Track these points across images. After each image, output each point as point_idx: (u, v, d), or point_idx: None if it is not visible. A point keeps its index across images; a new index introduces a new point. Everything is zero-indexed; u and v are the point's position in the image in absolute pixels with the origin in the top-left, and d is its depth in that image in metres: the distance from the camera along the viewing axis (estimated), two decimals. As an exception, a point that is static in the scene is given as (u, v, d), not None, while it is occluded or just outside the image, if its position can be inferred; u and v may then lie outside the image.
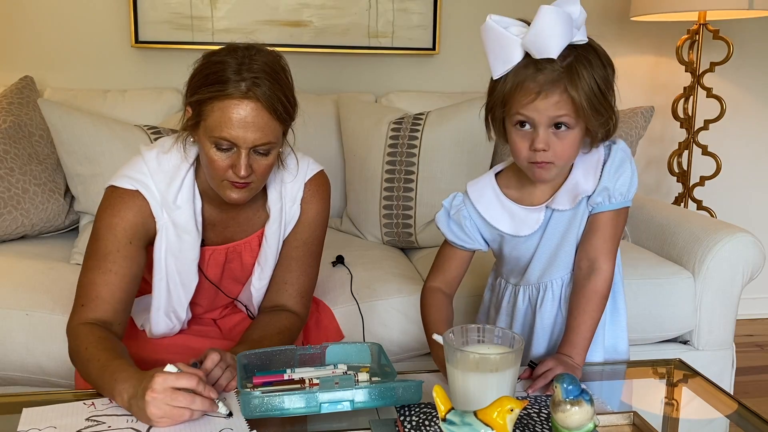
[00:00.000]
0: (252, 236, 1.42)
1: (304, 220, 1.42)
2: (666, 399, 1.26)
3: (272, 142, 1.23)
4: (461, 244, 1.32)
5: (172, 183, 1.30)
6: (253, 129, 1.20)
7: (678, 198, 2.77)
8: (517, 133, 1.17)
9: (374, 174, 2.18)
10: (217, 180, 1.26)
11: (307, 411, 1.00)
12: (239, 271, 1.44)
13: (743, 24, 2.82)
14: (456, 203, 1.32)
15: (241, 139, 1.20)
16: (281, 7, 2.50)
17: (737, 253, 1.94)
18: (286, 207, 1.40)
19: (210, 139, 1.22)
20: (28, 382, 1.63)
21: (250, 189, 1.27)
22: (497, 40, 1.14)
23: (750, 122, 2.95)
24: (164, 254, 1.33)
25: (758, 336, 2.89)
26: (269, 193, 1.39)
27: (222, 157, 1.22)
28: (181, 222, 1.32)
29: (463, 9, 2.65)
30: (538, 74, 1.12)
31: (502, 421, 0.89)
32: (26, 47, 2.42)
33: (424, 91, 2.60)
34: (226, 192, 1.26)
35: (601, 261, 1.25)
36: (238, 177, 1.22)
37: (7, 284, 1.70)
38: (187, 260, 1.34)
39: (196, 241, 1.34)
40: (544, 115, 1.13)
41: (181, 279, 1.35)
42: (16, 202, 1.99)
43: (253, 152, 1.23)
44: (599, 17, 2.73)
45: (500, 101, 1.16)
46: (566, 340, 1.24)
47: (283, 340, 1.34)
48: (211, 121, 1.20)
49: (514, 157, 1.22)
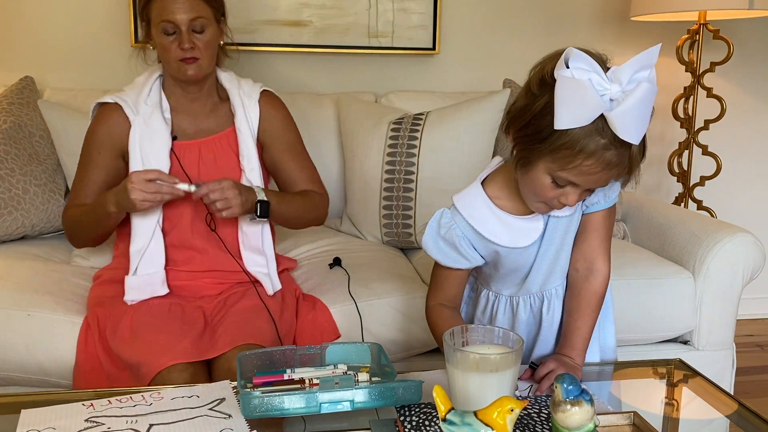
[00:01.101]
0: (221, 134, 1.69)
1: (277, 126, 1.74)
2: (666, 399, 1.26)
3: (203, 16, 1.59)
4: (457, 267, 1.24)
5: (143, 90, 1.67)
6: (186, 9, 1.56)
7: (678, 198, 2.77)
8: (550, 185, 1.09)
9: (374, 174, 2.18)
10: (173, 64, 1.60)
11: (307, 411, 1.00)
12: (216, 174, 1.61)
13: (743, 24, 2.82)
14: (445, 222, 1.21)
15: (179, 19, 1.56)
16: (281, 7, 2.50)
17: (737, 253, 1.94)
18: (245, 102, 1.70)
19: (158, 27, 1.57)
20: (27, 382, 1.63)
21: (198, 65, 1.61)
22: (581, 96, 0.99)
23: (750, 122, 2.95)
24: (138, 143, 1.62)
25: (758, 336, 2.89)
26: (230, 94, 1.71)
27: (169, 41, 1.58)
28: (150, 116, 1.64)
29: (463, 9, 2.65)
30: (605, 153, 1.02)
31: (502, 421, 0.89)
32: (26, 47, 2.42)
33: (424, 91, 2.60)
34: (181, 71, 1.60)
35: (599, 262, 1.24)
36: (183, 51, 1.57)
37: (7, 284, 1.70)
38: (156, 144, 1.62)
39: (164, 129, 1.63)
40: (588, 185, 1.08)
41: (156, 162, 1.61)
42: (16, 202, 1.99)
43: (192, 32, 1.58)
44: (599, 17, 2.73)
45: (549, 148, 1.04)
46: (566, 341, 1.24)
47: (307, 204, 1.73)
48: (154, 14, 1.58)
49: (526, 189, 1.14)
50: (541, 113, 1.04)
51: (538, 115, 1.04)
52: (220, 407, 1.09)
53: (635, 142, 1.02)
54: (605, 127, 1.00)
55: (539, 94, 1.05)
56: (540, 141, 1.04)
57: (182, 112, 1.69)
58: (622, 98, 0.99)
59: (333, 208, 2.37)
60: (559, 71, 1.01)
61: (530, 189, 1.12)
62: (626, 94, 0.99)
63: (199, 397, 1.12)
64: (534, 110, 1.05)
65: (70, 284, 1.77)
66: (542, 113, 1.04)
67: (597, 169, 1.04)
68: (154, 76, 1.70)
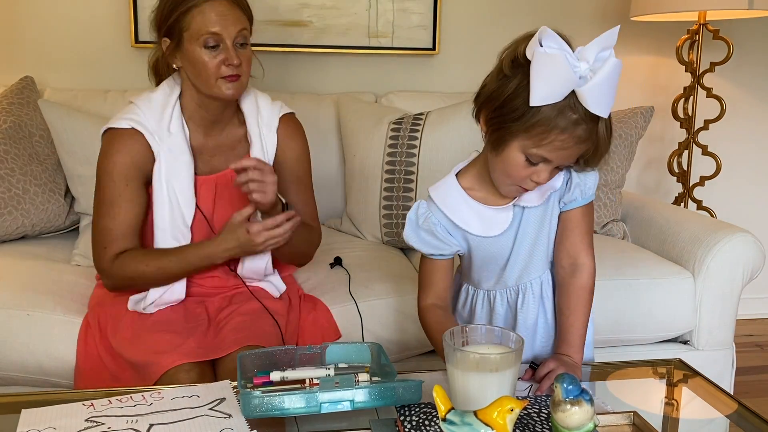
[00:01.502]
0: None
1: (291, 157, 1.63)
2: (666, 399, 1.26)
3: (247, 28, 1.47)
4: (440, 254, 1.27)
5: (163, 114, 1.50)
6: (232, 20, 1.43)
7: (678, 198, 2.77)
8: (523, 164, 1.12)
9: (374, 174, 2.18)
10: (212, 80, 1.45)
11: (307, 411, 1.00)
12: (231, 209, 1.53)
13: (743, 24, 2.82)
14: (421, 212, 1.25)
15: (225, 32, 1.43)
16: (281, 7, 2.50)
17: (737, 253, 1.94)
18: (263, 133, 1.58)
19: (198, 42, 1.43)
20: (28, 382, 1.63)
21: (240, 83, 1.48)
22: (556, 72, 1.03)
23: (750, 122, 2.95)
24: (164, 177, 1.50)
25: (758, 336, 2.89)
26: (248, 120, 1.58)
27: (212, 56, 1.43)
28: (176, 146, 1.51)
29: (463, 9, 2.65)
30: (577, 128, 1.07)
31: (502, 421, 0.89)
32: (26, 47, 2.42)
33: (424, 91, 2.60)
34: (221, 89, 1.46)
35: (582, 257, 1.26)
36: (233, 66, 1.44)
37: (7, 284, 1.70)
38: (184, 180, 1.51)
39: (190, 163, 1.52)
40: (562, 161, 1.12)
41: (180, 199, 1.51)
42: (16, 202, 1.99)
43: (235, 45, 1.45)
44: (599, 17, 2.73)
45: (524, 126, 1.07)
46: (562, 339, 1.25)
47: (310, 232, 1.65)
48: (194, 27, 1.43)
49: (499, 171, 1.16)
50: (515, 93, 1.07)
51: (512, 95, 1.08)
52: (220, 407, 1.09)
53: (605, 115, 1.07)
54: (576, 103, 1.05)
55: (512, 75, 1.09)
56: (514, 120, 1.08)
57: (201, 139, 1.57)
58: (590, 75, 1.04)
59: (333, 207, 2.37)
60: (534, 49, 1.04)
61: (503, 170, 1.15)
62: (594, 71, 1.04)
63: (199, 397, 1.12)
64: (508, 91, 1.08)
65: (70, 284, 1.77)
66: (516, 93, 1.07)
67: (570, 144, 1.08)
68: (173, 97, 1.53)
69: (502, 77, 1.10)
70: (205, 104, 1.53)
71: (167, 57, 1.51)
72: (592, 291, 1.27)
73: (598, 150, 1.13)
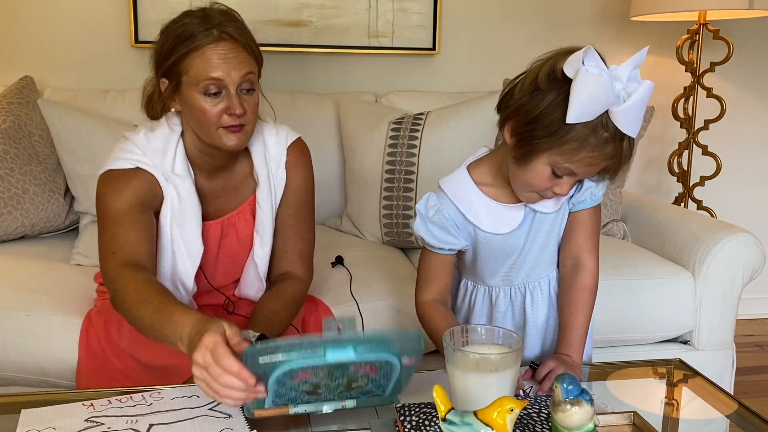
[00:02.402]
0: (244, 205, 1.46)
1: (293, 187, 1.48)
2: (666, 399, 1.26)
3: (253, 73, 1.31)
4: (448, 248, 1.26)
5: (166, 155, 1.35)
6: (235, 64, 1.27)
7: (678, 198, 2.77)
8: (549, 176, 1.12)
9: (374, 174, 2.18)
10: (212, 129, 1.30)
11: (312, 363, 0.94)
12: (236, 247, 1.47)
13: (743, 24, 2.82)
14: (432, 204, 1.25)
15: (228, 77, 1.26)
16: (281, 7, 2.50)
17: (737, 253, 1.94)
18: (272, 171, 1.45)
19: (197, 88, 1.27)
20: (27, 382, 1.63)
21: (244, 132, 1.32)
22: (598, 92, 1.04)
23: (750, 122, 2.95)
24: (169, 222, 1.36)
25: (758, 336, 2.89)
26: (255, 159, 1.44)
27: (212, 104, 1.28)
28: (184, 190, 1.36)
29: (463, 9, 2.65)
30: (607, 146, 1.08)
31: (502, 421, 0.89)
32: (26, 47, 2.42)
33: (424, 91, 2.60)
34: (222, 140, 1.31)
35: (585, 257, 1.28)
36: (235, 116, 1.28)
37: (7, 284, 1.70)
38: (191, 228, 1.37)
39: (198, 209, 1.38)
40: (583, 175, 1.14)
41: (186, 249, 1.38)
42: (16, 202, 1.99)
43: (240, 92, 1.29)
44: (599, 17, 2.73)
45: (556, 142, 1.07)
46: (562, 339, 1.25)
47: (292, 310, 1.44)
48: (193, 71, 1.27)
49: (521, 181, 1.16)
50: (548, 108, 1.07)
51: (546, 110, 1.07)
52: (220, 407, 1.09)
53: (634, 135, 1.09)
54: (608, 122, 1.06)
55: (547, 90, 1.08)
56: (547, 135, 1.08)
57: (206, 182, 1.43)
58: (624, 96, 1.06)
59: (333, 207, 2.38)
60: (578, 67, 1.04)
61: (526, 180, 1.16)
62: (628, 91, 1.06)
63: (199, 397, 1.12)
64: (542, 106, 1.08)
65: (69, 284, 1.77)
66: (550, 108, 1.07)
67: (598, 160, 1.10)
68: (175, 136, 1.37)
69: (536, 90, 1.09)
70: (209, 152, 1.38)
71: (165, 99, 1.36)
72: (594, 292, 1.28)
73: (620, 166, 1.14)
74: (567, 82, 1.05)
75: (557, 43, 1.15)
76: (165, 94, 1.34)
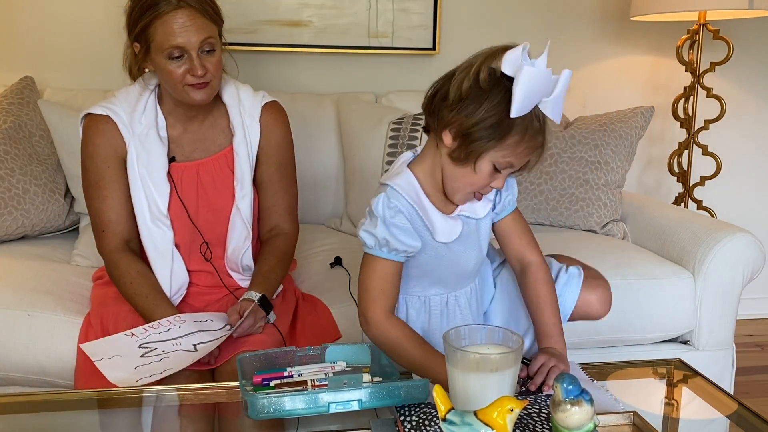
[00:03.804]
0: (220, 154, 1.61)
1: (273, 144, 1.64)
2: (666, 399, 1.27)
3: (212, 37, 1.46)
4: (410, 252, 1.21)
5: (136, 108, 1.56)
6: (194, 30, 1.43)
7: (678, 198, 2.77)
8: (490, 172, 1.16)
9: (374, 174, 2.18)
10: (179, 88, 1.48)
11: (316, 411, 1.00)
12: (213, 193, 1.59)
13: (743, 24, 2.82)
14: (393, 205, 1.19)
15: (188, 43, 1.43)
16: (281, 7, 2.50)
17: (737, 253, 1.94)
18: (246, 122, 1.60)
19: (162, 54, 1.44)
20: (28, 382, 1.63)
21: (210, 87, 1.50)
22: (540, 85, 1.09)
23: (750, 122, 2.95)
24: (136, 165, 1.54)
25: (758, 336, 2.89)
26: (230, 110, 1.60)
27: (176, 66, 1.45)
28: (146, 136, 1.54)
29: (463, 9, 2.65)
30: (540, 134, 1.15)
31: (502, 421, 0.89)
32: (26, 47, 2.42)
33: (424, 91, 2.58)
34: (190, 96, 1.49)
35: (528, 255, 1.32)
36: (197, 77, 1.45)
37: (7, 284, 1.70)
38: (156, 168, 1.54)
39: (162, 150, 1.55)
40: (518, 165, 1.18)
41: (155, 186, 1.54)
42: (16, 202, 1.99)
43: (201, 53, 1.45)
44: (599, 17, 2.73)
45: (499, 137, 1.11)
46: (541, 334, 1.28)
47: (284, 265, 1.62)
48: (158, 39, 1.43)
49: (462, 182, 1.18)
50: (493, 107, 1.11)
51: (492, 110, 1.11)
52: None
53: (558, 122, 1.14)
54: (539, 112, 1.12)
55: (489, 89, 1.11)
56: (491, 134, 1.11)
57: (180, 130, 1.60)
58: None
59: (333, 208, 2.38)
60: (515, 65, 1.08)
61: (468, 180, 1.18)
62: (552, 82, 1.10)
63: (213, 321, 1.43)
64: (485, 106, 1.11)
65: (70, 284, 1.77)
66: (495, 107, 1.11)
67: (532, 150, 1.16)
68: (149, 90, 1.58)
69: (478, 92, 1.11)
70: (180, 103, 1.56)
71: (140, 61, 1.52)
72: (548, 282, 1.30)
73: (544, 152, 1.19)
74: (508, 80, 1.09)
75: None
76: (139, 56, 1.51)
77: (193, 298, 1.61)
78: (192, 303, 1.60)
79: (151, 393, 1.19)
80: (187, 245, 1.60)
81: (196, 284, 1.63)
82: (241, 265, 1.63)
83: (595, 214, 2.26)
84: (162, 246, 1.56)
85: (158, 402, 1.20)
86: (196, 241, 1.61)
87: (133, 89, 1.59)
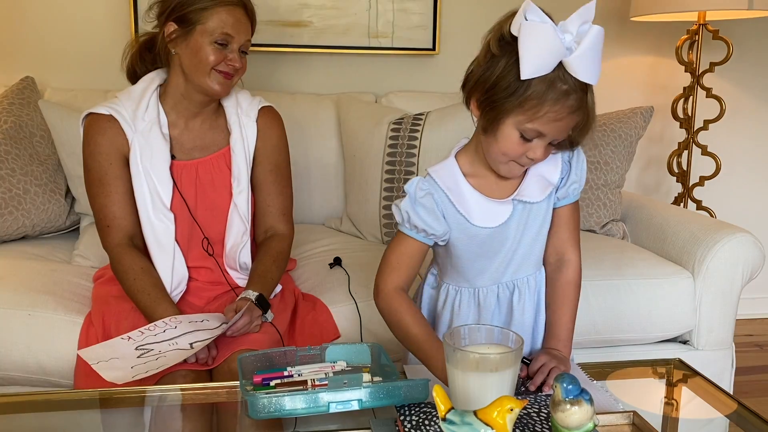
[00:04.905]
0: (218, 153, 1.65)
1: (269, 146, 1.70)
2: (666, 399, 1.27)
3: (251, 41, 1.60)
4: (430, 234, 1.21)
5: (139, 105, 1.60)
6: (244, 30, 1.57)
7: (678, 198, 2.77)
8: (519, 140, 1.12)
9: (374, 174, 2.19)
10: (206, 71, 1.55)
11: (316, 411, 1.00)
12: (211, 191, 1.62)
13: (743, 24, 2.82)
14: (423, 187, 1.20)
15: (237, 36, 1.55)
16: (281, 7, 2.50)
17: (737, 253, 1.94)
18: (242, 121, 1.67)
19: (210, 36, 1.53)
20: (28, 382, 1.63)
21: (231, 82, 1.59)
22: (544, 42, 1.05)
23: (750, 122, 2.95)
24: (140, 161, 1.57)
25: (758, 336, 2.89)
26: (228, 113, 1.68)
27: (216, 50, 1.54)
28: (149, 132, 1.58)
29: (463, 9, 2.65)
30: (568, 98, 1.08)
31: (502, 420, 0.89)
32: (27, 48, 2.42)
33: (424, 91, 2.60)
34: (213, 83, 1.56)
35: (569, 252, 1.28)
36: (230, 67, 1.55)
37: (8, 284, 1.70)
38: (159, 163, 1.58)
39: (164, 147, 1.59)
40: (556, 135, 1.12)
41: (158, 180, 1.58)
42: (17, 202, 1.99)
43: (239, 51, 1.57)
44: (599, 17, 2.71)
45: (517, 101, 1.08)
46: (550, 333, 1.26)
47: (280, 265, 1.66)
48: (211, 24, 1.53)
49: (494, 151, 1.16)
50: (505, 70, 1.09)
51: (503, 72, 1.09)
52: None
53: (594, 83, 1.09)
54: (565, 74, 1.07)
55: (500, 54, 1.10)
56: (507, 97, 1.09)
57: (181, 128, 1.64)
58: (575, 46, 1.07)
59: (333, 208, 2.38)
60: (520, 23, 1.07)
61: (498, 149, 1.15)
62: (578, 41, 1.07)
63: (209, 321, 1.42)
64: (498, 70, 1.10)
65: (70, 284, 1.77)
66: (506, 70, 1.09)
67: (563, 114, 1.09)
68: (152, 88, 1.62)
69: (490, 58, 1.12)
70: (190, 94, 1.60)
71: (166, 40, 1.57)
72: (578, 286, 1.28)
73: (588, 122, 1.14)
74: (516, 42, 1.08)
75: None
76: (168, 36, 1.56)
77: (193, 295, 1.62)
78: (192, 300, 1.61)
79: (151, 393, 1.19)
80: (186, 241, 1.62)
81: (195, 279, 1.64)
82: (239, 262, 1.65)
83: (595, 214, 2.26)
84: (164, 240, 1.57)
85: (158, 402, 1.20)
86: (196, 237, 1.62)
87: (135, 89, 1.63)
